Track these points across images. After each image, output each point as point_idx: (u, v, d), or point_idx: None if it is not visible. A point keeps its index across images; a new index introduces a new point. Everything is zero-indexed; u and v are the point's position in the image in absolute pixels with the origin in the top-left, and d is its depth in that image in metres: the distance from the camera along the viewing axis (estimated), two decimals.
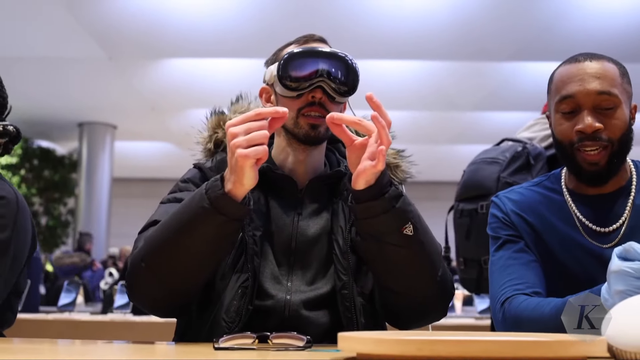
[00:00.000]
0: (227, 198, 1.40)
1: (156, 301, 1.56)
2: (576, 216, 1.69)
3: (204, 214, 1.41)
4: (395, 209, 1.45)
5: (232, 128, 1.37)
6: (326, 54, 1.61)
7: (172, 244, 1.46)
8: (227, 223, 1.42)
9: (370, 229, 1.47)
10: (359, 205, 1.45)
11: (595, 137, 1.59)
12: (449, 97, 10.62)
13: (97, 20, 7.95)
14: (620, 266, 1.23)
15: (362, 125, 1.41)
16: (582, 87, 1.60)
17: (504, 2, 7.47)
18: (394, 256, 1.49)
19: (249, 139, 1.36)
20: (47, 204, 13.27)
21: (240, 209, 1.42)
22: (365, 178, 1.42)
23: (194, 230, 1.43)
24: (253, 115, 1.37)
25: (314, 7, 7.54)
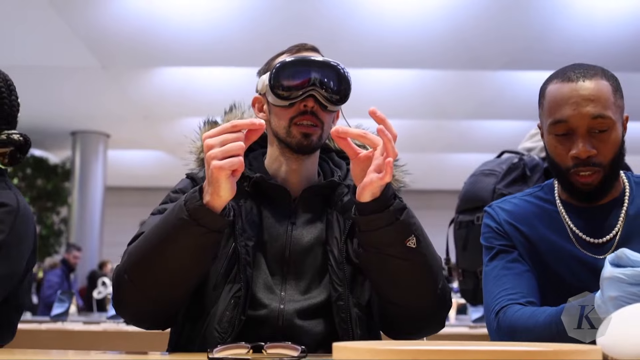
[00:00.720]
0: (206, 209, 1.39)
1: (141, 313, 1.56)
2: (569, 227, 1.69)
3: (183, 225, 1.40)
4: (400, 221, 1.45)
5: (208, 140, 1.37)
6: (318, 63, 1.61)
7: (153, 256, 1.46)
8: (207, 234, 1.42)
9: (374, 241, 1.46)
10: (363, 217, 1.45)
11: (588, 163, 1.59)
12: (442, 106, 10.64)
13: (90, 29, 7.95)
14: (613, 272, 1.23)
15: (367, 138, 1.41)
16: (576, 112, 1.58)
17: (497, 12, 7.49)
18: (396, 268, 1.48)
19: (224, 150, 1.35)
20: (40, 213, 13.22)
21: (219, 220, 1.41)
22: (371, 190, 1.41)
23: (173, 242, 1.43)
24: (229, 126, 1.37)
25: (308, 16, 7.56)
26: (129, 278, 1.49)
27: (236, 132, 1.37)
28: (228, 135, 1.36)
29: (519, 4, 7.42)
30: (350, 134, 1.41)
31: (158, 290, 1.49)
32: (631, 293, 1.20)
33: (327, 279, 1.62)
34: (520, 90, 9.57)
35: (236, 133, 1.37)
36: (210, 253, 1.49)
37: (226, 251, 1.58)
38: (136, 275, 1.48)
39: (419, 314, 1.57)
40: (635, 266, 1.23)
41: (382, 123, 1.38)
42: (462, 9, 7.43)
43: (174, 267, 1.46)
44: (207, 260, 1.50)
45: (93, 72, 9.16)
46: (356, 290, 1.62)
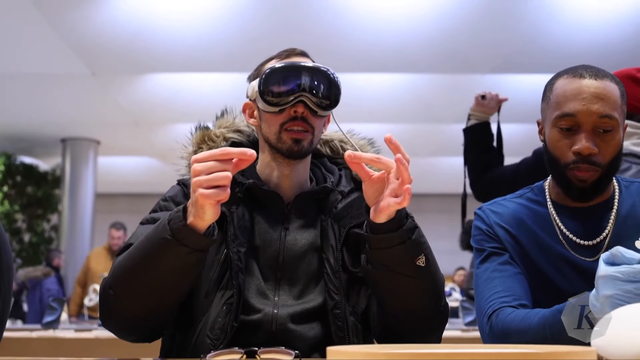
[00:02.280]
0: (189, 230, 1.38)
1: (126, 327, 1.56)
2: (559, 229, 1.69)
3: (166, 245, 1.39)
4: (411, 240, 1.45)
5: (196, 165, 1.34)
6: (307, 68, 1.61)
7: (137, 273, 1.46)
8: (190, 254, 1.40)
9: (384, 259, 1.46)
10: (376, 236, 1.45)
11: (589, 161, 1.59)
12: (432, 110, 10.64)
13: (79, 36, 7.92)
14: (608, 271, 1.23)
15: (381, 162, 1.40)
16: (585, 107, 1.59)
17: (487, 15, 7.51)
18: (403, 285, 1.49)
19: (210, 179, 1.32)
20: (30, 221, 13.15)
21: (202, 240, 1.40)
22: (388, 214, 1.41)
23: (157, 261, 1.42)
24: (219, 154, 1.34)
25: (298, 21, 7.55)
26: (114, 293, 1.48)
27: (225, 161, 1.34)
28: (216, 165, 1.33)
29: (508, 8, 7.44)
30: (364, 159, 1.40)
31: (142, 306, 1.49)
32: (626, 291, 1.20)
33: (322, 285, 1.62)
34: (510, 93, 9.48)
35: (224, 162, 1.34)
36: (195, 271, 1.47)
37: (218, 258, 1.58)
38: (121, 291, 1.48)
39: (420, 328, 1.57)
40: (630, 264, 1.23)
41: (398, 150, 1.36)
42: (452, 13, 7.45)
43: (158, 285, 1.45)
44: (192, 277, 1.49)
45: (82, 79, 9.13)
46: (352, 298, 1.62)
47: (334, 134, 1.86)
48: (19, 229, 13.01)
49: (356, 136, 1.83)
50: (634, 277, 1.20)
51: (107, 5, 7.28)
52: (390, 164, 1.40)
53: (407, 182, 1.36)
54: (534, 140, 2.72)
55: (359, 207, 1.70)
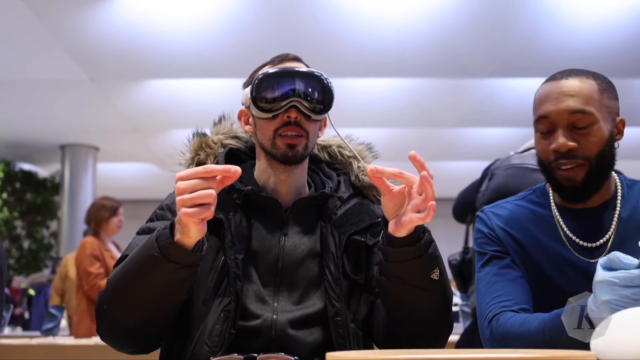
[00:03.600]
0: (176, 247, 1.37)
1: (121, 340, 1.55)
2: (563, 231, 1.68)
3: (154, 261, 1.38)
4: (428, 254, 1.45)
5: (180, 183, 1.32)
6: (298, 73, 1.61)
7: (128, 288, 1.45)
8: (179, 270, 1.39)
9: (400, 272, 1.47)
10: (394, 249, 1.44)
11: (569, 156, 1.60)
12: (431, 114, 10.64)
13: (78, 43, 7.92)
14: (605, 276, 1.23)
15: (404, 177, 1.39)
16: (556, 106, 1.61)
17: (484, 20, 7.51)
18: (417, 298, 1.49)
19: (194, 197, 1.30)
20: (30, 227, 13.14)
21: (190, 256, 1.39)
22: (409, 228, 1.41)
23: (146, 277, 1.42)
24: (202, 171, 1.31)
25: (296, 26, 7.56)
26: (107, 308, 1.49)
27: (209, 179, 1.32)
28: (199, 183, 1.31)
29: (505, 12, 7.44)
30: (386, 173, 1.39)
31: (136, 321, 1.48)
32: (623, 296, 1.20)
33: (321, 290, 1.62)
34: (508, 97, 9.60)
35: (208, 180, 1.32)
36: (186, 285, 1.46)
37: (216, 265, 1.58)
38: (114, 306, 1.48)
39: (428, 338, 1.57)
40: (627, 269, 1.22)
41: (423, 167, 1.36)
42: (450, 18, 7.45)
43: (150, 300, 1.45)
44: (184, 291, 1.48)
45: (81, 85, 9.13)
46: (353, 305, 1.62)
47: (332, 139, 1.86)
48: (18, 235, 13.00)
49: (354, 141, 1.83)
50: (631, 282, 1.20)
51: (105, 11, 7.28)
52: (413, 179, 1.39)
53: (431, 198, 1.35)
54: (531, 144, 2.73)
55: (359, 214, 1.69)
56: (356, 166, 1.80)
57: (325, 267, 1.61)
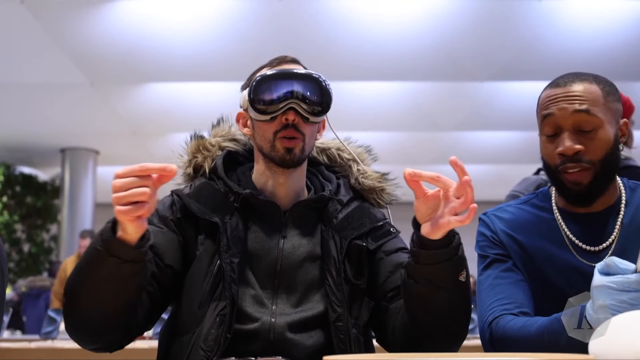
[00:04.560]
0: (117, 241, 1.37)
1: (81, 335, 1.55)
2: (566, 235, 1.68)
3: (98, 255, 1.39)
4: (457, 256, 1.46)
5: (115, 181, 1.32)
6: (295, 75, 1.61)
7: (78, 284, 1.46)
8: (122, 265, 1.39)
9: (430, 274, 1.46)
10: (427, 251, 1.44)
11: (576, 159, 1.59)
12: (431, 118, 10.64)
13: (78, 46, 7.93)
14: (602, 281, 1.23)
15: (441, 181, 1.39)
16: (561, 109, 1.61)
17: (484, 23, 7.52)
18: (444, 300, 1.49)
19: (127, 195, 1.30)
20: (30, 231, 13.13)
21: (130, 251, 1.38)
22: (446, 231, 1.41)
23: (91, 272, 1.42)
24: (137, 169, 1.32)
25: (296, 30, 7.56)
26: (67, 301, 1.49)
27: (144, 177, 1.32)
28: (133, 181, 1.31)
29: (505, 16, 7.45)
30: (423, 177, 1.39)
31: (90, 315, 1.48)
32: (621, 301, 1.20)
33: (321, 293, 1.61)
34: (508, 100, 9.60)
35: (143, 178, 1.32)
36: (132, 283, 1.45)
37: (211, 269, 1.57)
38: (70, 299, 1.48)
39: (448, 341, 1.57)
40: (624, 274, 1.22)
41: (464, 172, 1.36)
42: (450, 21, 7.46)
43: (99, 294, 1.44)
44: (132, 289, 1.47)
45: (81, 89, 9.13)
46: (354, 310, 1.61)
47: (331, 142, 1.86)
48: (19, 239, 12.99)
49: (353, 144, 1.82)
50: (628, 287, 1.20)
51: (105, 15, 7.29)
52: (449, 182, 1.40)
53: (472, 202, 1.36)
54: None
55: (360, 218, 1.69)
56: (356, 169, 1.80)
57: (327, 272, 1.61)
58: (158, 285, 1.59)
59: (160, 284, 1.60)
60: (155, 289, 1.59)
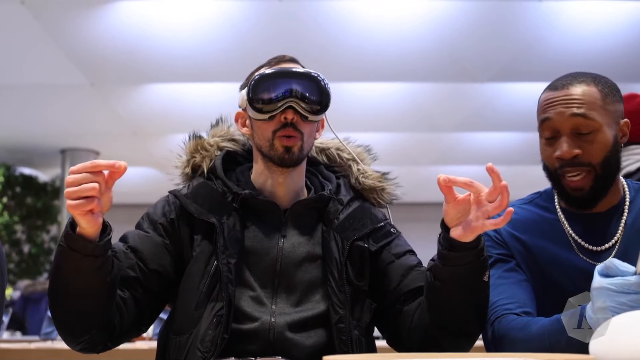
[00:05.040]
0: (76, 236, 1.41)
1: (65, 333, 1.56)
2: (570, 235, 1.68)
3: (62, 251, 1.43)
4: (483, 257, 1.48)
5: (69, 177, 1.37)
6: (294, 74, 1.61)
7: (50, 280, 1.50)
8: (83, 259, 1.41)
9: (456, 275, 1.48)
10: (456, 253, 1.46)
11: (575, 163, 1.59)
12: (431, 119, 10.64)
13: (78, 47, 7.93)
14: (602, 283, 1.23)
15: (474, 186, 1.42)
16: (559, 113, 1.60)
17: (485, 24, 7.52)
18: (467, 300, 1.51)
19: (77, 190, 1.35)
20: (30, 232, 13.13)
21: (89, 245, 1.41)
22: (478, 234, 1.44)
23: (58, 267, 1.46)
24: (89, 165, 1.36)
25: (296, 31, 7.56)
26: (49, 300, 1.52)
27: (95, 173, 1.36)
28: (84, 176, 1.35)
29: (506, 17, 7.45)
30: (457, 183, 1.42)
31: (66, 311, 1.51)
32: (620, 303, 1.20)
33: (321, 293, 1.61)
34: (508, 101, 9.60)
35: (94, 174, 1.36)
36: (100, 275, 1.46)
37: (208, 270, 1.57)
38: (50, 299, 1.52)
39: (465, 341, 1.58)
40: (624, 276, 1.22)
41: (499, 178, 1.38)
42: (450, 22, 7.46)
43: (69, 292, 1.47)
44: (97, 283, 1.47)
45: (81, 89, 9.13)
46: (356, 311, 1.61)
47: (330, 141, 1.86)
48: (19, 240, 12.98)
49: (352, 144, 1.82)
50: (627, 289, 1.20)
51: (106, 16, 7.28)
52: (482, 187, 1.42)
53: (507, 206, 1.39)
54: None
55: (361, 218, 1.69)
56: (356, 169, 1.80)
57: (329, 273, 1.61)
58: (143, 290, 1.60)
59: (146, 288, 1.60)
60: (141, 294, 1.60)
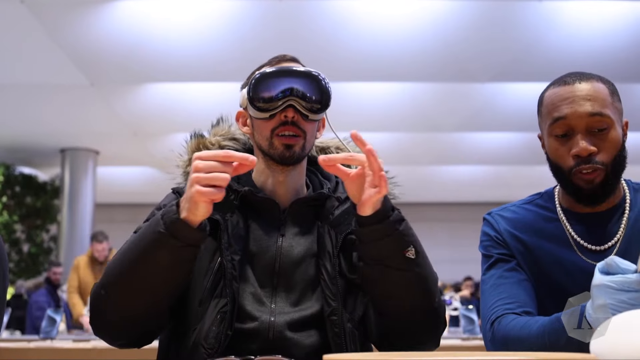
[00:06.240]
0: (182, 223, 1.40)
1: (115, 329, 1.54)
2: (570, 235, 1.68)
3: (159, 238, 1.41)
4: (399, 231, 1.46)
5: (198, 162, 1.37)
6: (294, 72, 1.61)
7: (129, 270, 1.46)
8: (183, 248, 1.41)
9: (374, 252, 1.48)
10: (364, 228, 1.46)
11: (589, 160, 1.59)
12: (432, 119, 10.66)
13: (78, 47, 7.93)
14: (602, 280, 1.23)
15: (355, 159, 1.43)
16: (574, 110, 1.59)
17: (485, 25, 7.52)
18: (395, 279, 1.49)
19: (209, 177, 1.35)
20: (29, 231, 13.13)
21: (195, 234, 1.41)
22: (371, 205, 1.43)
23: (149, 256, 1.43)
24: (222, 155, 1.37)
25: (296, 31, 7.56)
26: (106, 292, 1.49)
27: (226, 163, 1.37)
28: (217, 165, 1.37)
29: (506, 17, 7.46)
30: (337, 160, 1.43)
31: (133, 306, 1.48)
32: (620, 300, 1.20)
33: (319, 292, 1.61)
34: (509, 102, 9.61)
35: (225, 164, 1.37)
36: (186, 267, 1.48)
37: (212, 266, 1.57)
38: (113, 290, 1.48)
39: (415, 327, 1.56)
40: (624, 273, 1.22)
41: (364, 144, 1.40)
42: (451, 23, 7.47)
43: (150, 281, 1.45)
44: (183, 275, 1.49)
45: (81, 89, 9.14)
46: (349, 304, 1.61)
47: (330, 141, 1.86)
48: (18, 239, 12.99)
49: (352, 143, 1.82)
50: (627, 287, 1.20)
51: (106, 16, 7.29)
52: (363, 158, 1.42)
53: (379, 171, 1.40)
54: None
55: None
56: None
57: (322, 267, 1.61)
58: None
59: None
60: None
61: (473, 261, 3.69)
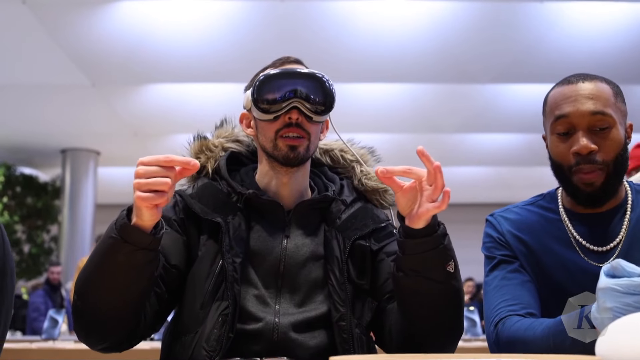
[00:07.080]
0: (132, 227, 1.40)
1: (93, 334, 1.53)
2: (573, 235, 1.68)
3: (113, 243, 1.41)
4: (443, 245, 1.47)
5: (139, 167, 1.36)
6: (299, 74, 1.61)
7: (92, 276, 1.46)
8: (136, 252, 1.41)
9: (417, 264, 1.47)
10: (412, 241, 1.46)
11: (590, 160, 1.59)
12: (433, 120, 10.65)
13: (79, 47, 7.93)
14: (608, 283, 1.23)
15: (413, 172, 1.43)
16: (576, 108, 1.60)
17: (486, 26, 7.52)
18: (433, 292, 1.49)
19: (150, 183, 1.34)
20: (30, 232, 13.13)
21: (145, 238, 1.41)
22: (426, 219, 1.44)
23: (106, 261, 1.43)
24: (162, 160, 1.36)
25: (297, 32, 7.57)
26: (77, 299, 1.49)
27: (167, 167, 1.36)
28: (157, 170, 1.35)
29: (506, 19, 7.45)
30: (396, 172, 1.43)
31: (105, 310, 1.48)
32: (626, 304, 1.20)
33: (324, 293, 1.61)
34: (509, 103, 9.61)
35: (167, 169, 1.36)
36: (148, 270, 1.47)
37: (214, 269, 1.57)
38: (84, 297, 1.48)
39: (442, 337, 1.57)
40: (630, 277, 1.22)
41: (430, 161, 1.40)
42: (452, 24, 7.47)
43: (115, 284, 1.45)
44: (145, 278, 1.48)
45: (82, 90, 9.14)
46: (357, 310, 1.62)
47: (334, 143, 1.86)
48: (19, 240, 12.98)
49: (356, 145, 1.82)
50: (633, 290, 1.19)
51: (107, 16, 7.29)
52: (421, 172, 1.42)
53: (442, 187, 1.40)
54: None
55: (363, 218, 1.69)
56: (359, 170, 1.80)
57: (330, 272, 1.61)
58: (165, 287, 1.60)
59: (167, 285, 1.60)
60: (163, 291, 1.60)
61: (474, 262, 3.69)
